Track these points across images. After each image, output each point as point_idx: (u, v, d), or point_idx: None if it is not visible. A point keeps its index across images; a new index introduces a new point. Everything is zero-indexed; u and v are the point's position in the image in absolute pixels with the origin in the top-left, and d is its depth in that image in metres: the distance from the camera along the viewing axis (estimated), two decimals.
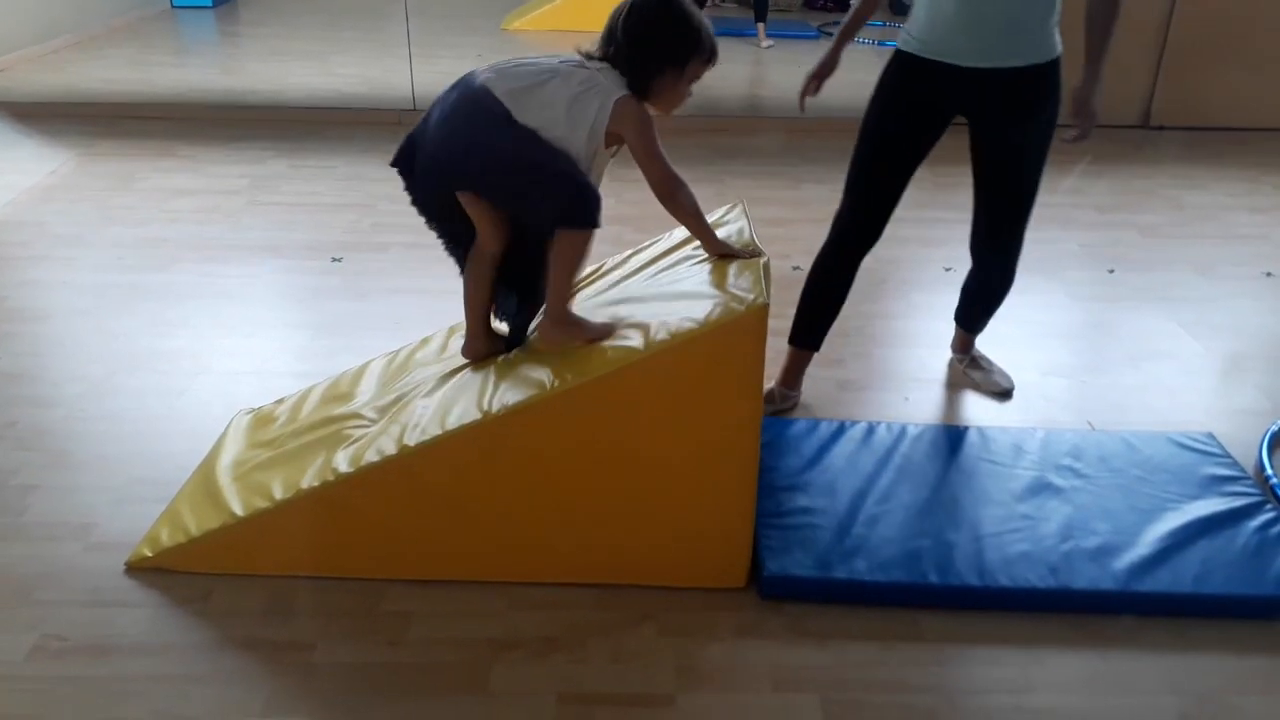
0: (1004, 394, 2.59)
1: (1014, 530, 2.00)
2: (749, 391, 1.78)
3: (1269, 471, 2.26)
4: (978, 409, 2.56)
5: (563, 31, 6.46)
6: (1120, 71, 4.66)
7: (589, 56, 1.87)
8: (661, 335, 1.76)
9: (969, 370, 2.65)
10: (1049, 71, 2.14)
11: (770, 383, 2.46)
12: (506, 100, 1.81)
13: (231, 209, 3.71)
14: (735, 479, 1.82)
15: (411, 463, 1.81)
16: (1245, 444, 2.37)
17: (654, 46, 1.82)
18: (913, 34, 2.18)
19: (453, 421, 1.83)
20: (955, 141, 2.29)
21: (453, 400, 1.91)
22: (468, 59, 6.10)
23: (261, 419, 2.24)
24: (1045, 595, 1.86)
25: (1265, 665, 1.78)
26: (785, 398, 2.48)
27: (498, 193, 1.91)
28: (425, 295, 3.05)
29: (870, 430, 2.31)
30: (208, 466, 2.10)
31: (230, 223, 3.59)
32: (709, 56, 1.87)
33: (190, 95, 5.14)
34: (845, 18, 2.38)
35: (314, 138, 4.54)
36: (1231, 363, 2.80)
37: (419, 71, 4.98)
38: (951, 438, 2.32)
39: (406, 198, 2.04)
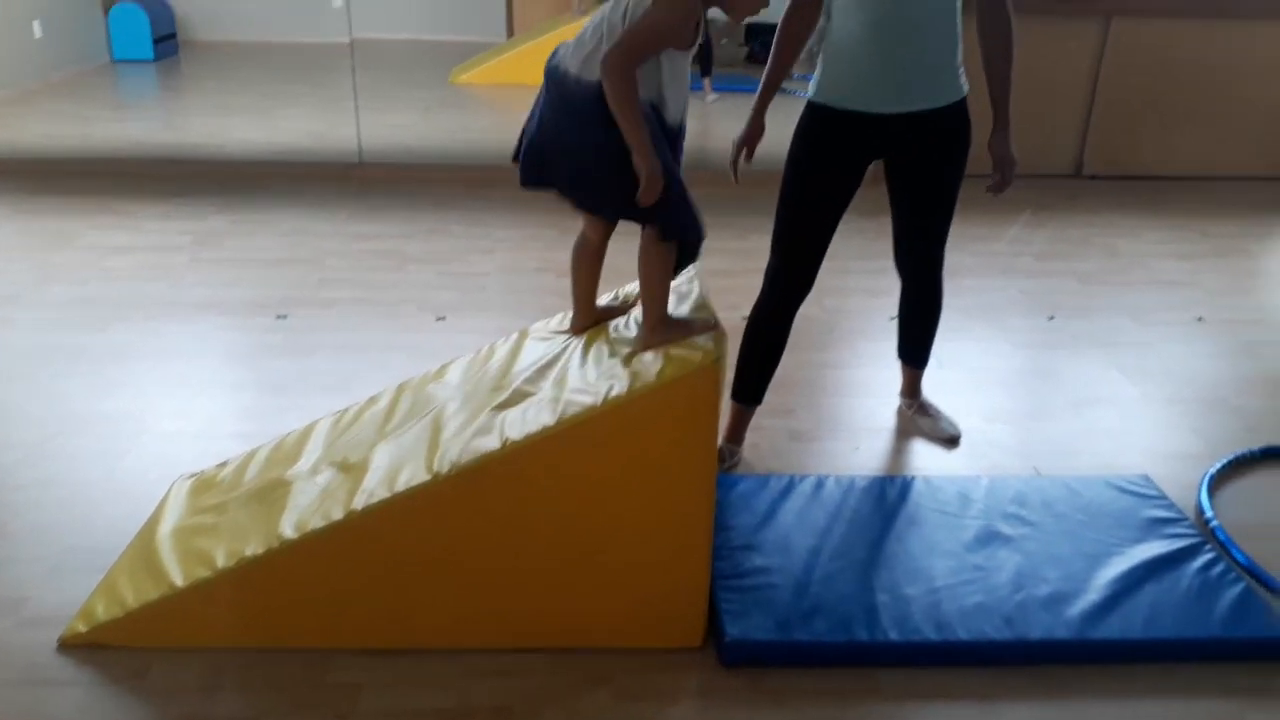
0: (951, 441, 2.62)
1: (967, 581, 2.02)
2: (703, 448, 1.78)
3: (1209, 514, 2.31)
4: (926, 457, 2.58)
5: (512, 85, 6.53)
6: (1053, 124, 4.83)
7: None
8: (615, 391, 1.76)
9: (917, 417, 2.69)
10: (959, 110, 2.23)
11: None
12: (577, 68, 1.75)
13: (172, 266, 3.65)
14: (691, 537, 1.82)
15: (360, 527, 1.78)
16: (1182, 486, 2.43)
17: None
18: (824, 84, 2.22)
19: (402, 484, 1.80)
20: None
21: (401, 461, 1.88)
22: (415, 111, 6.13)
23: (203, 483, 2.18)
24: (1002, 647, 1.87)
25: (1217, 708, 1.80)
26: (733, 454, 2.49)
27: (581, 198, 1.90)
28: (373, 351, 3.02)
29: (820, 484, 2.32)
30: (147, 534, 2.04)
31: (171, 280, 3.53)
32: None
33: (130, 151, 5.08)
34: (761, 79, 2.31)
35: (258, 192, 4.50)
36: (1167, 407, 2.87)
37: (366, 125, 4.98)
38: (901, 488, 2.33)
39: (354, 250, 2.02)
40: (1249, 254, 4.15)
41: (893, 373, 2.75)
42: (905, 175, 2.31)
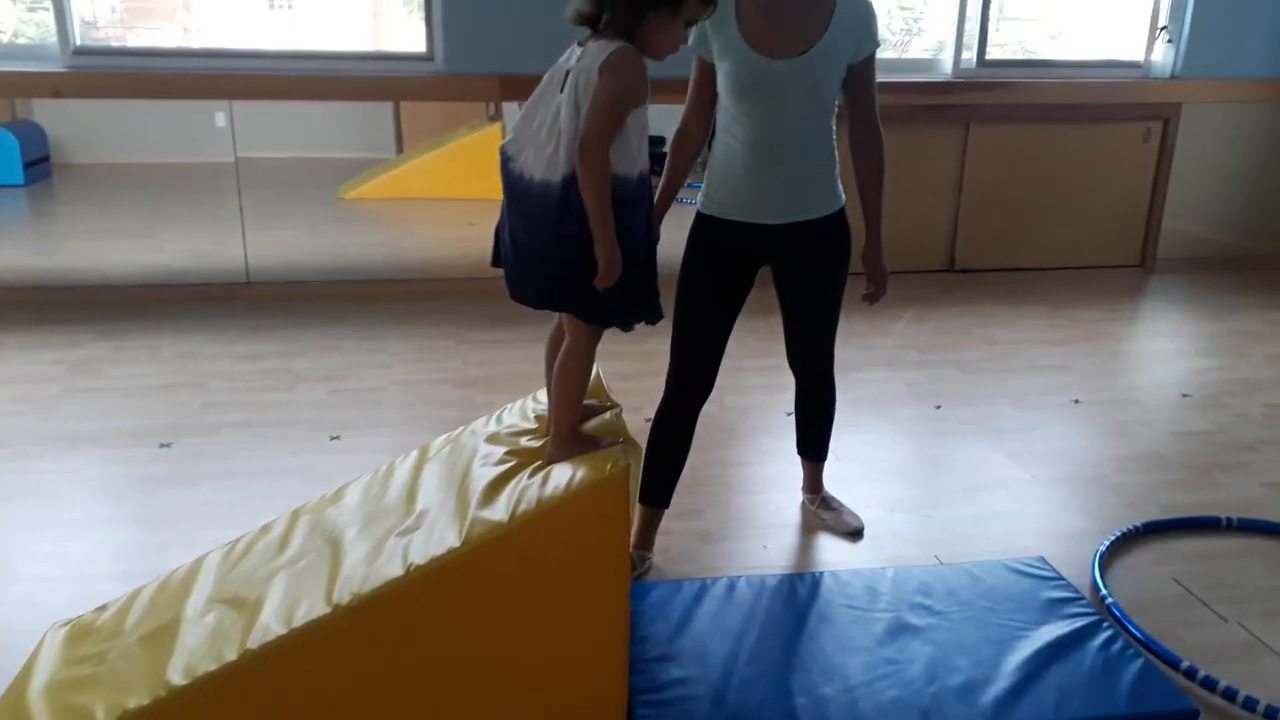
0: (855, 534, 2.66)
1: (882, 677, 2.02)
2: (615, 558, 1.76)
3: (1104, 591, 2.39)
4: (833, 550, 2.61)
5: (403, 199, 6.55)
6: (926, 223, 5.10)
7: (589, 30, 1.79)
8: (522, 507, 1.73)
9: (820, 511, 2.72)
10: (838, 219, 2.34)
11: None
12: (541, 172, 1.76)
13: (44, 398, 3.46)
14: (606, 652, 1.78)
15: (256, 668, 1.68)
16: (1076, 564, 2.51)
17: None
18: (710, 197, 2.32)
19: (300, 618, 1.71)
20: None
21: (299, 594, 1.79)
22: (303, 228, 6.07)
23: (80, 630, 2.03)
24: None
25: None
26: (643, 560, 2.47)
27: (558, 298, 1.86)
28: (264, 477, 2.90)
29: (732, 586, 2.32)
30: (17, 690, 1.87)
31: (43, 413, 3.35)
32: None
33: None
34: (658, 190, 2.31)
35: (139, 317, 4.35)
36: (1054, 487, 2.99)
37: (253, 243, 4.90)
38: (810, 585, 2.34)
39: (241, 372, 1.96)
40: (1116, 337, 4.42)
41: (795, 467, 2.79)
42: (790, 281, 2.40)
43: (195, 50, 5.30)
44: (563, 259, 1.78)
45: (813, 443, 2.71)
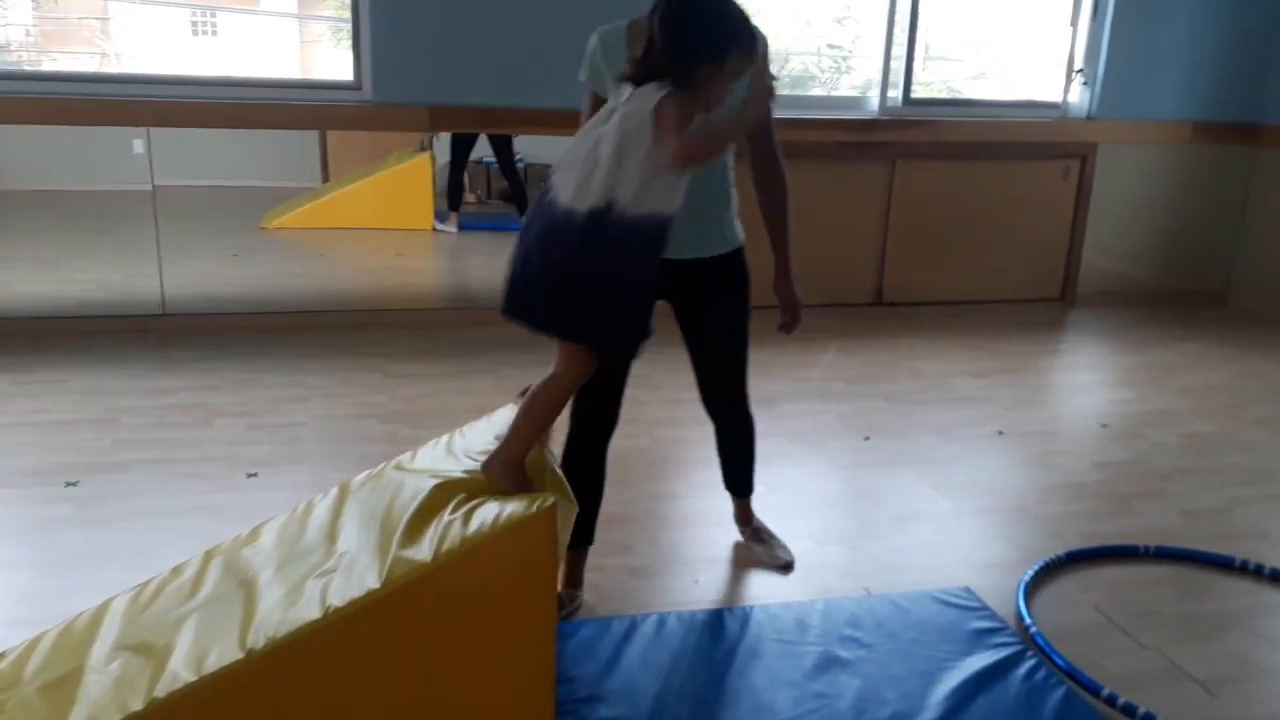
0: (785, 567, 2.65)
1: (811, 711, 2.01)
2: (542, 597, 1.72)
3: (1028, 621, 2.41)
4: (763, 584, 2.59)
5: (325, 229, 6.44)
6: (854, 256, 5.18)
7: (633, 76, 1.81)
8: (446, 545, 1.69)
9: (751, 544, 2.71)
10: (736, 256, 2.35)
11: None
12: (564, 194, 1.77)
13: None
14: (532, 694, 1.73)
15: (163, 718, 1.59)
16: (1000, 594, 2.54)
17: (688, 43, 1.75)
18: None
19: (211, 665, 1.63)
20: None
21: (210, 639, 1.71)
22: (223, 259, 5.92)
23: None
24: None
25: None
26: (572, 599, 2.42)
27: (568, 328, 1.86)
28: (176, 516, 2.79)
29: (663, 622, 2.29)
30: None
31: None
32: (749, 47, 1.81)
33: None
34: None
35: (45, 351, 4.17)
36: (979, 518, 3.03)
37: (170, 274, 4.76)
38: (741, 619, 2.33)
39: (154, 407, 1.88)
40: (1037, 370, 4.52)
41: (726, 500, 2.78)
42: (692, 319, 2.40)
43: (113, 76, 5.16)
44: (584, 290, 1.78)
45: (736, 479, 2.71)
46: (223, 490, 2.98)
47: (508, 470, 1.85)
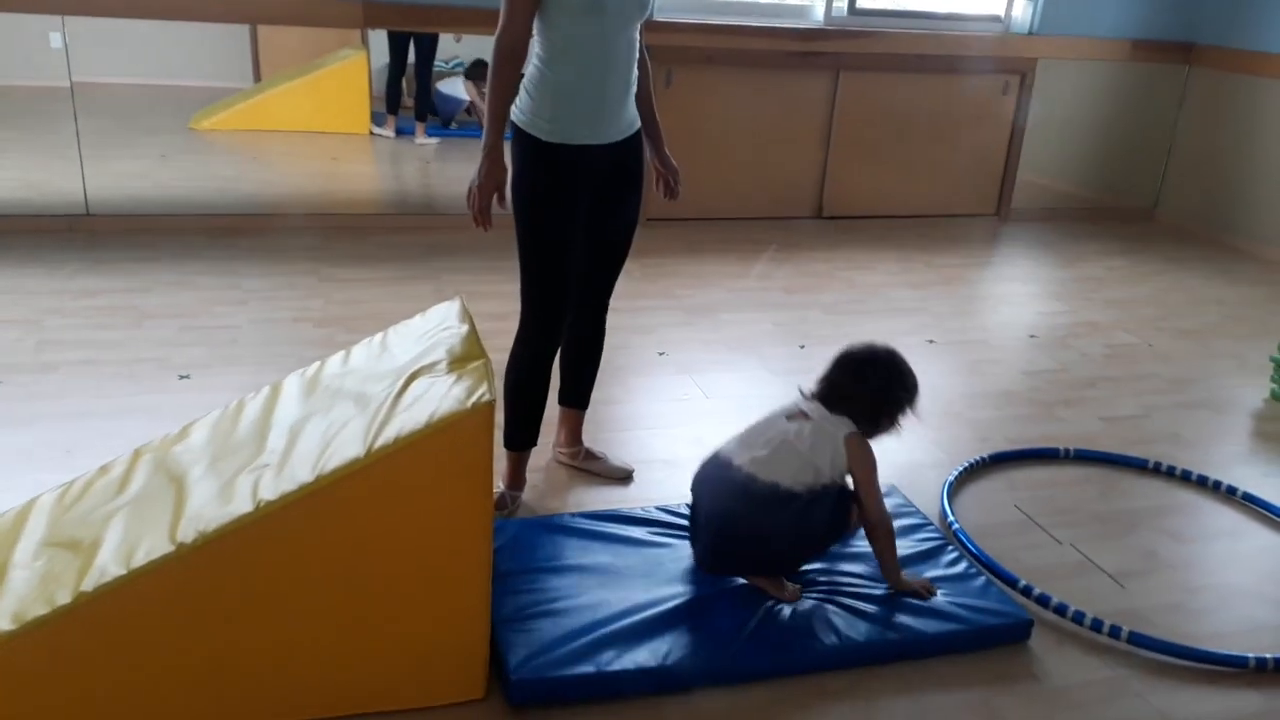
0: (627, 477, 2.64)
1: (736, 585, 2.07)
2: (478, 492, 1.73)
3: (950, 517, 2.51)
4: None
5: (253, 131, 6.22)
6: (796, 169, 5.17)
7: (812, 398, 2.19)
8: (383, 440, 1.68)
9: (585, 465, 2.66)
10: (640, 138, 2.38)
11: (499, 485, 2.43)
12: (750, 467, 2.08)
13: None
14: (467, 585, 1.76)
15: (90, 612, 1.58)
16: (926, 494, 2.63)
17: (890, 402, 2.20)
18: (543, 118, 2.23)
19: (140, 559, 1.62)
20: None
21: (139, 535, 1.70)
22: (151, 159, 5.71)
23: None
24: (785, 657, 1.96)
25: (970, 697, 1.95)
26: (513, 499, 2.45)
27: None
28: (103, 417, 2.74)
29: (596, 518, 2.32)
30: None
31: None
32: (916, 400, 2.25)
33: None
34: (487, 120, 2.23)
35: None
36: (910, 422, 3.09)
37: (94, 174, 4.57)
38: (669, 513, 2.38)
39: (80, 308, 1.82)
40: (969, 282, 4.60)
41: (665, 405, 2.81)
42: (606, 205, 2.35)
43: None
44: (773, 546, 2.11)
45: (583, 389, 2.65)
46: (154, 391, 2.93)
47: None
